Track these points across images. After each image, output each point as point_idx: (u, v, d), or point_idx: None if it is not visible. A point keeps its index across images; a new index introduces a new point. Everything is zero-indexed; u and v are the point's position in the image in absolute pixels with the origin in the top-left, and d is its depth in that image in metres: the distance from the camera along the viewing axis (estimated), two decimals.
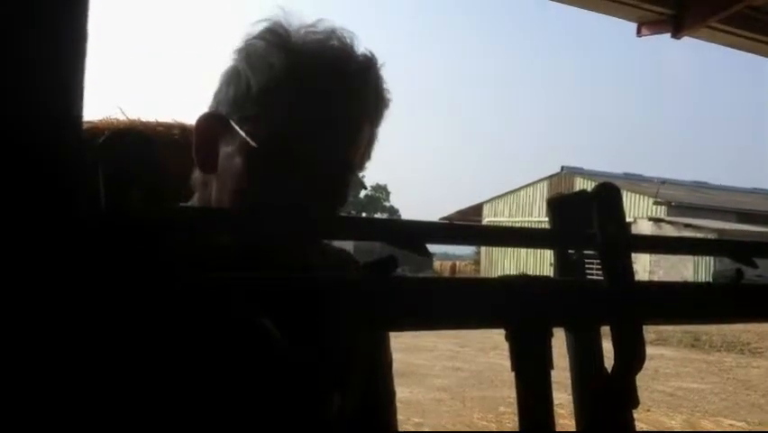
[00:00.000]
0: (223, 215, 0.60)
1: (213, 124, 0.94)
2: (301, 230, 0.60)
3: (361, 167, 0.99)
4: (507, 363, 0.61)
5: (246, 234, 0.84)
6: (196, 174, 0.98)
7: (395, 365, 1.19)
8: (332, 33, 0.94)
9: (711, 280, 0.72)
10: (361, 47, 0.95)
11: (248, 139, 0.90)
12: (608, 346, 0.62)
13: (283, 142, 0.90)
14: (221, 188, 0.93)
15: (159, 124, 1.16)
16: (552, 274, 0.68)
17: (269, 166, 0.90)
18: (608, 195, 0.63)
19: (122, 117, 1.16)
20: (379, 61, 0.96)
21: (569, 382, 0.65)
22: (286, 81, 0.91)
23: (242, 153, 0.91)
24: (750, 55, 4.29)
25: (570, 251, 0.68)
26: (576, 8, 3.58)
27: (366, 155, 0.99)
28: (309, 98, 0.91)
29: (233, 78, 0.94)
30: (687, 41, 3.96)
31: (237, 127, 0.91)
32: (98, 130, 1.08)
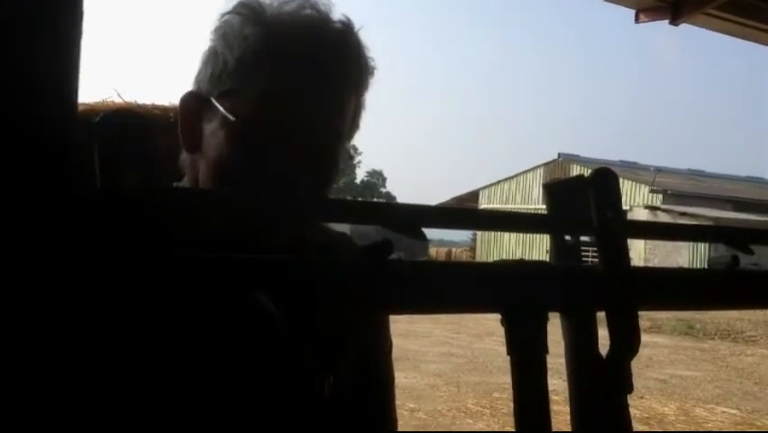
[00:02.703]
0: (213, 195, 0.60)
1: (193, 103, 0.95)
2: (296, 212, 0.60)
3: (349, 137, 0.98)
4: (502, 350, 0.61)
5: (237, 215, 0.84)
6: (184, 155, 0.98)
7: None
8: (306, 2, 0.93)
9: (707, 266, 0.72)
10: (338, 14, 0.94)
11: (226, 114, 0.90)
12: (602, 333, 0.62)
13: (261, 113, 0.90)
14: (207, 166, 0.93)
15: (155, 107, 1.15)
16: (548, 260, 0.68)
17: (251, 138, 0.89)
18: (604, 180, 0.62)
19: (118, 100, 1.16)
20: (357, 26, 0.95)
21: (564, 367, 0.65)
22: (260, 53, 0.90)
23: (223, 128, 0.91)
24: (747, 42, 4.29)
25: (566, 236, 0.68)
26: None
27: (354, 125, 0.99)
28: (285, 67, 0.91)
29: (210, 58, 0.94)
30: (684, 29, 3.96)
31: (216, 103, 0.91)
32: (94, 112, 1.08)
